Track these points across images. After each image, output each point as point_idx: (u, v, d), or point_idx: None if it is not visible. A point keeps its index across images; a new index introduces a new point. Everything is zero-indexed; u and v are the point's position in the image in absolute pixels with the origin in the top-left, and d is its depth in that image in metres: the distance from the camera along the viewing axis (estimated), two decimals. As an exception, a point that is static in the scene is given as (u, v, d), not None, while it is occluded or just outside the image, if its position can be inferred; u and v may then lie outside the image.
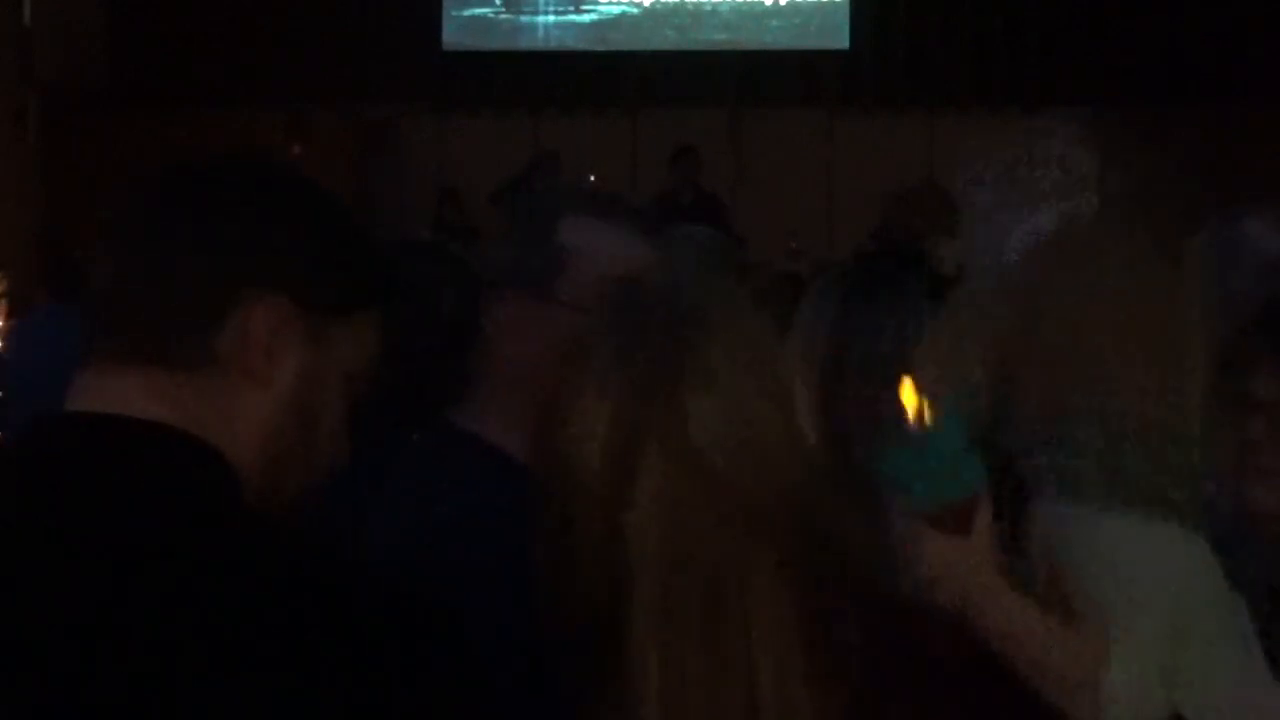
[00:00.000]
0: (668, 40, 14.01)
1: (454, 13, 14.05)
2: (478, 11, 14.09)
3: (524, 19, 14.11)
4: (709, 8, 14.08)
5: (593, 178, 12.92)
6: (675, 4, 14.09)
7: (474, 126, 13.51)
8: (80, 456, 1.59)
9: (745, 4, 14.07)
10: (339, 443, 1.71)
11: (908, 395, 1.80)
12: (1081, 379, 2.17)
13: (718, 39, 14.04)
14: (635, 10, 14.07)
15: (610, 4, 14.04)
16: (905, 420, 1.78)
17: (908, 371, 1.82)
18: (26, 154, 12.72)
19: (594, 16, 14.06)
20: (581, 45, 14.03)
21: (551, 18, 14.07)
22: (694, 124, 12.81)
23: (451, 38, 14.02)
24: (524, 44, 14.09)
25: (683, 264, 5.38)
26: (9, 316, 7.70)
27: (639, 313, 1.82)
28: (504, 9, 14.10)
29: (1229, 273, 3.36)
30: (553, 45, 14.07)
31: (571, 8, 14.04)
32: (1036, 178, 2.86)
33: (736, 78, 13.81)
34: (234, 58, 13.29)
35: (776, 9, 14.05)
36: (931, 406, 1.79)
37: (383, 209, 12.06)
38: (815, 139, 13.66)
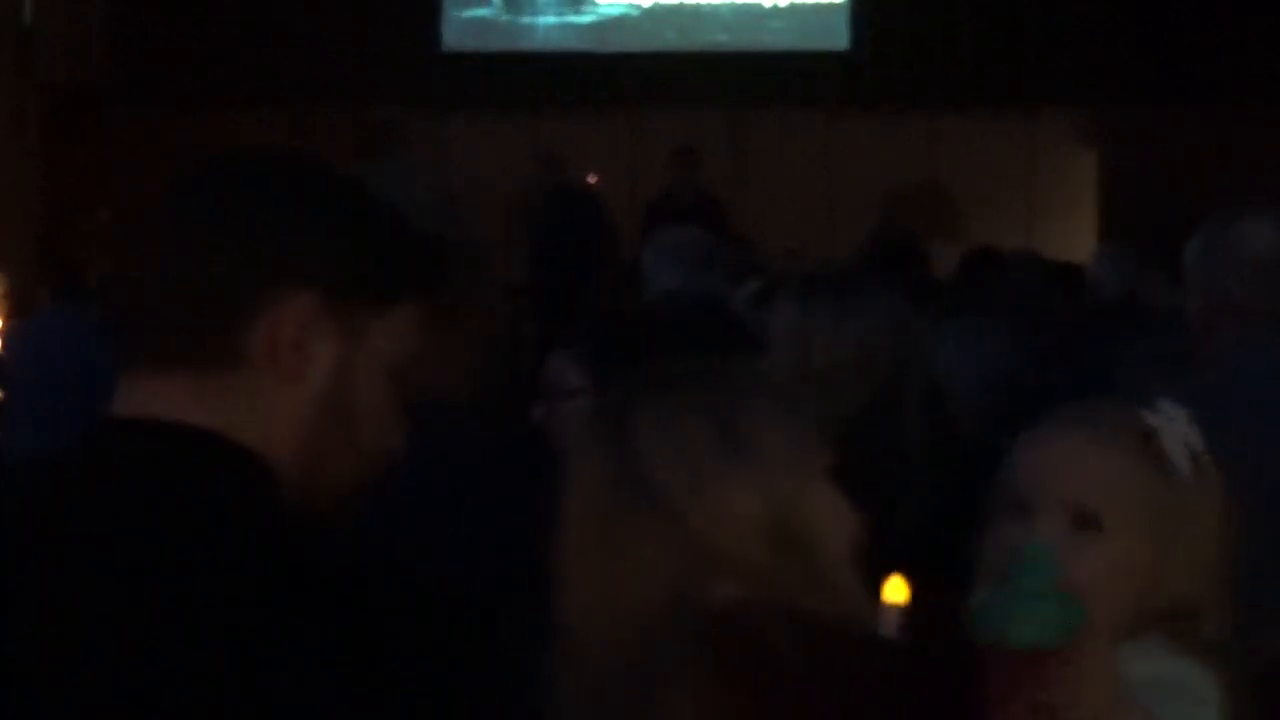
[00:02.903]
0: (668, 41, 14.00)
1: (454, 14, 14.05)
2: (478, 12, 14.09)
3: (524, 20, 14.11)
4: (709, 8, 14.08)
5: (593, 178, 12.93)
6: (675, 5, 14.09)
7: (474, 127, 13.51)
8: (115, 464, 1.59)
9: (745, 5, 14.06)
10: (389, 437, 1.68)
11: (895, 590, 1.78)
12: None
13: (718, 40, 14.04)
14: (635, 11, 14.07)
15: (610, 5, 14.04)
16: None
17: None
18: (26, 154, 12.72)
19: (594, 17, 14.05)
20: (582, 46, 14.03)
21: (551, 19, 14.06)
22: (694, 124, 12.81)
23: (451, 39, 14.01)
24: (524, 45, 14.09)
25: (670, 266, 5.40)
26: (9, 316, 7.70)
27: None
28: (504, 10, 14.10)
29: (1226, 273, 3.36)
30: (553, 46, 14.06)
31: (571, 9, 14.03)
32: None
33: (736, 78, 13.81)
34: (234, 58, 13.28)
35: (776, 10, 14.04)
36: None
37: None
38: (815, 139, 13.66)
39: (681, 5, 14.08)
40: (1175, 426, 2.00)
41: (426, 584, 1.60)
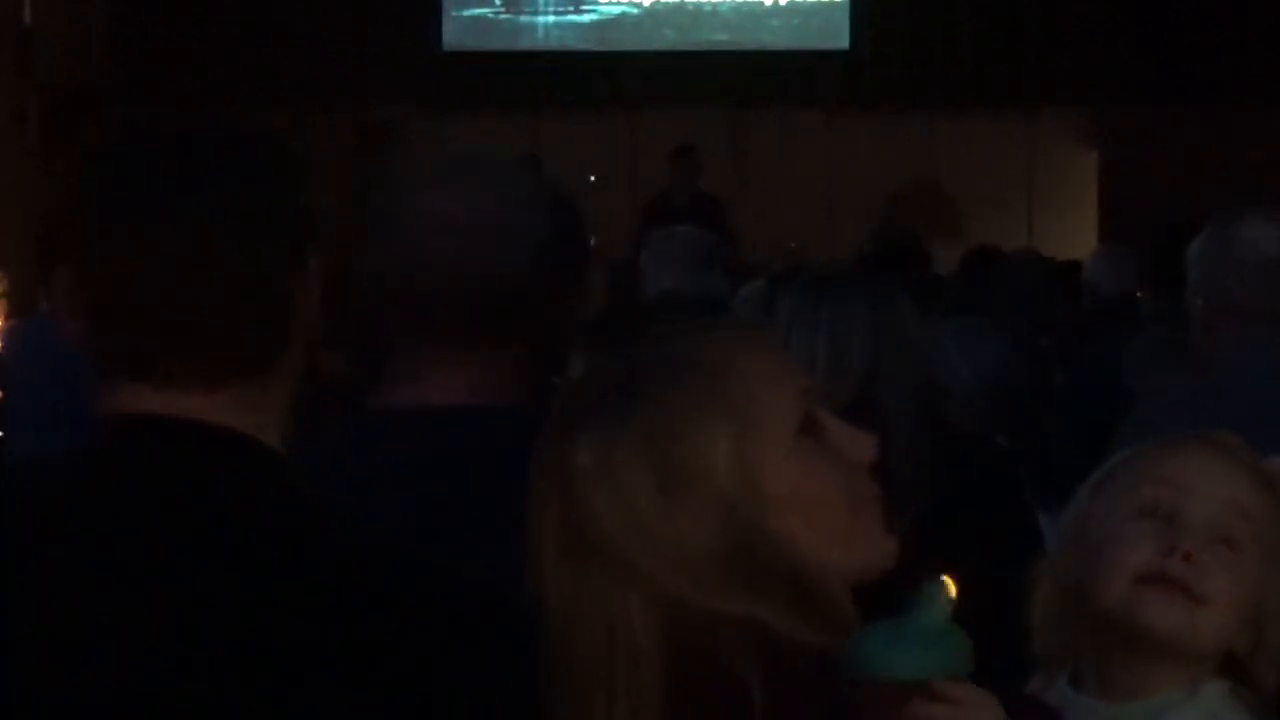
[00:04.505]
0: (668, 40, 14.00)
1: (454, 13, 14.05)
2: (478, 12, 14.09)
3: (524, 19, 14.11)
4: (709, 8, 14.07)
5: (593, 178, 12.93)
6: (675, 4, 14.09)
7: (474, 126, 13.50)
8: (166, 465, 1.56)
9: (745, 4, 14.06)
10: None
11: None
12: None
13: (718, 39, 14.03)
14: (635, 10, 14.07)
15: (610, 4, 14.04)
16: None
17: None
18: (26, 154, 12.72)
19: (594, 16, 14.05)
20: (581, 45, 14.03)
21: (551, 18, 14.06)
22: (694, 124, 12.81)
23: (451, 38, 14.01)
24: (524, 44, 14.09)
25: (670, 266, 5.39)
26: (9, 316, 7.70)
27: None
28: (504, 9, 14.10)
29: (1228, 273, 3.36)
30: (553, 45, 14.06)
31: (571, 8, 14.03)
32: None
33: (736, 78, 13.81)
34: (234, 58, 13.28)
35: (776, 9, 14.04)
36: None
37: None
38: (815, 139, 13.65)
39: (682, 4, 14.08)
40: None
41: (448, 578, 1.60)
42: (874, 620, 1.65)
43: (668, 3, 14.08)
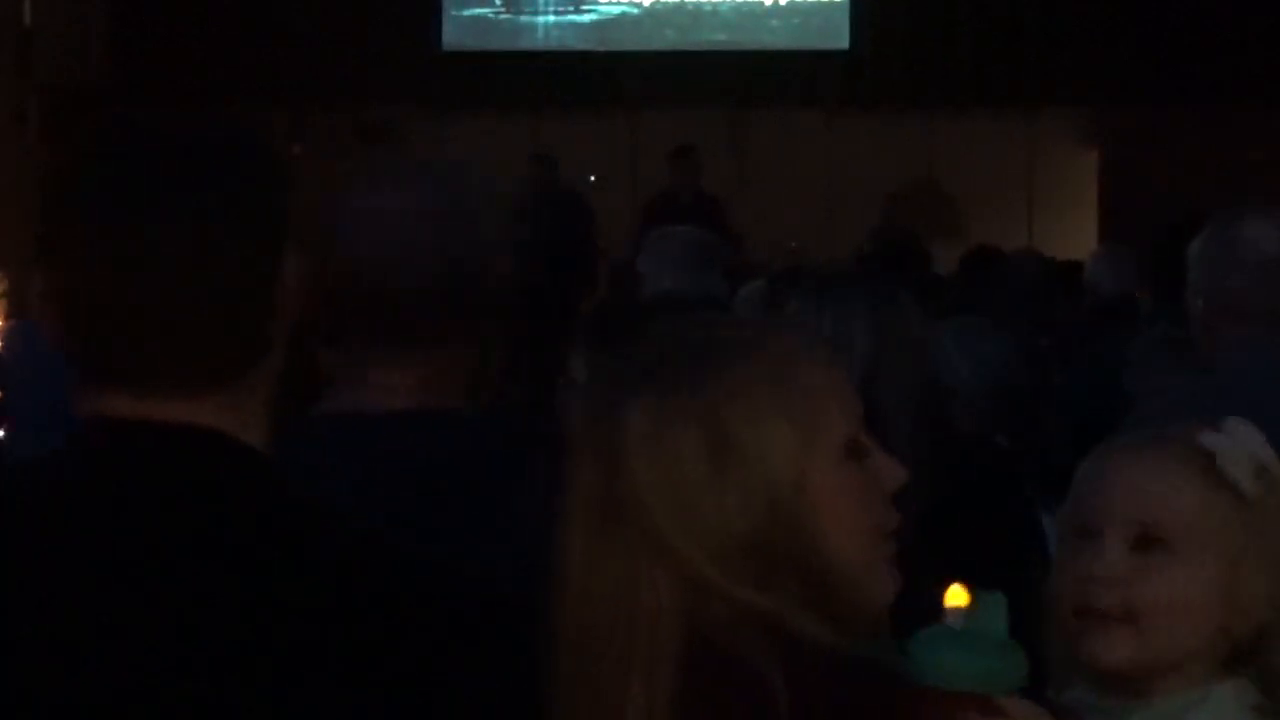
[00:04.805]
0: (668, 40, 14.00)
1: (454, 13, 14.05)
2: (478, 11, 14.08)
3: (524, 19, 14.11)
4: (709, 8, 14.07)
5: (593, 178, 12.93)
6: (675, 4, 14.08)
7: (474, 126, 13.50)
8: (162, 465, 1.56)
9: (745, 4, 14.06)
10: None
11: (955, 596, 1.65)
12: None
13: (718, 39, 14.03)
14: (635, 10, 14.07)
15: (610, 4, 14.03)
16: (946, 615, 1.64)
17: None
18: (26, 154, 12.71)
19: (594, 16, 14.05)
20: (581, 45, 14.03)
21: (551, 18, 14.06)
22: (694, 124, 12.80)
23: (451, 38, 14.01)
24: (524, 44, 14.09)
25: (669, 266, 5.39)
26: (9, 316, 7.69)
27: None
28: (504, 9, 14.10)
29: (1229, 273, 3.36)
30: (553, 45, 14.06)
31: (571, 8, 14.03)
32: None
33: (736, 78, 13.81)
34: (234, 58, 13.28)
35: (776, 9, 14.04)
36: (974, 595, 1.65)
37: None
38: (815, 139, 13.65)
39: (682, 4, 14.08)
40: (1238, 445, 1.97)
41: (447, 577, 1.60)
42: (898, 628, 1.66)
43: (668, 3, 14.08)
